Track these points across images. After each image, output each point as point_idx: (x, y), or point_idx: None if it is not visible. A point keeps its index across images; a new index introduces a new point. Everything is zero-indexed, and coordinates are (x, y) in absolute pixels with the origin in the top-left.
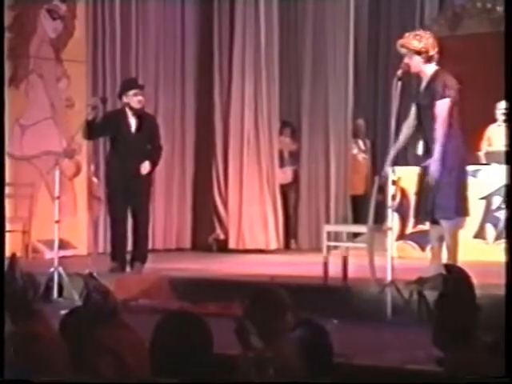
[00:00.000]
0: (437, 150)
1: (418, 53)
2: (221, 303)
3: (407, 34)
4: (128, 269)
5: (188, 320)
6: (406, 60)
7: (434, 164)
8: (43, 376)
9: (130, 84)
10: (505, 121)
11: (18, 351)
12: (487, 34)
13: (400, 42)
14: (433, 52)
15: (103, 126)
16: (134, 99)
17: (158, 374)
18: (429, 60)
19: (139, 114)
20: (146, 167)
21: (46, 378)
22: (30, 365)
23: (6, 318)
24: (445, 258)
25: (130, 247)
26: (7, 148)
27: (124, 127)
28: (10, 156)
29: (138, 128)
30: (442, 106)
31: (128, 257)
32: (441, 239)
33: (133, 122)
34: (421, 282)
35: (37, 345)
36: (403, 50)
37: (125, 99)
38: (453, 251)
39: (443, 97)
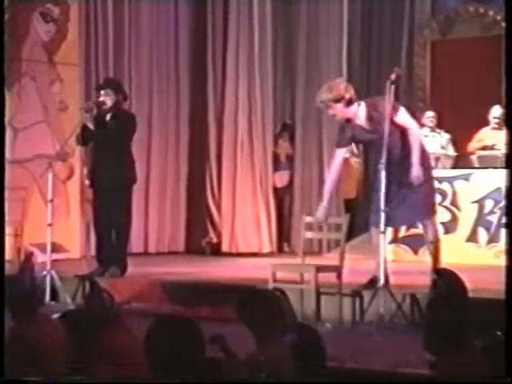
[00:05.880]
0: (415, 154)
1: (337, 101)
2: (213, 307)
3: (319, 92)
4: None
5: (180, 324)
6: (331, 112)
7: (415, 169)
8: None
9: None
10: (506, 125)
11: (19, 351)
12: (479, 38)
13: (316, 102)
14: (349, 95)
15: (92, 130)
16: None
17: (151, 376)
18: (349, 103)
19: (114, 111)
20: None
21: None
22: (31, 364)
23: (6, 317)
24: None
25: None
26: (6, 151)
27: (100, 123)
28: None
29: (111, 121)
30: (404, 115)
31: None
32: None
33: (107, 118)
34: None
35: (38, 345)
36: (322, 105)
37: None
38: (436, 256)
39: (397, 108)
